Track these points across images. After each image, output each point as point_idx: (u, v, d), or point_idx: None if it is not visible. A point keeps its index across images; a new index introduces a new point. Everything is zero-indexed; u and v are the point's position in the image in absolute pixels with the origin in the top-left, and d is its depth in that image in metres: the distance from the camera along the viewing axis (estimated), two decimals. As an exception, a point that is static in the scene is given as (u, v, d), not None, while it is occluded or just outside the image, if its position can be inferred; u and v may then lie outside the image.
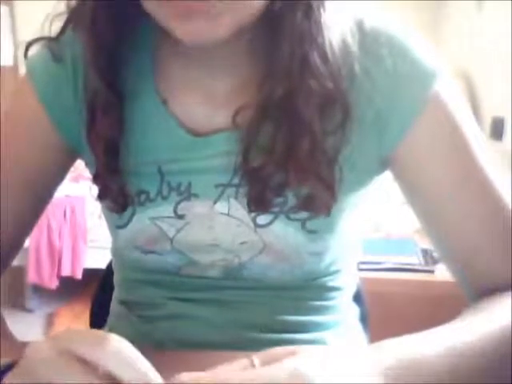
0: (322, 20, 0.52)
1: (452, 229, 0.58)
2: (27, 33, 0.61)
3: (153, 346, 0.65)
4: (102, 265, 0.90)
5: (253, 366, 0.39)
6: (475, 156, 0.57)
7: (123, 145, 0.60)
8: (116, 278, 0.74)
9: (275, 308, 0.65)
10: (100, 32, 0.55)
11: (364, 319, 0.78)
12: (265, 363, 0.39)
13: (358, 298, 0.76)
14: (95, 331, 0.38)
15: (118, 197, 0.61)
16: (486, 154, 0.58)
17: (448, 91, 0.58)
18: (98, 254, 2.22)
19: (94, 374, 0.35)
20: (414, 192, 0.60)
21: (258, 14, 0.50)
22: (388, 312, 1.57)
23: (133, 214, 0.62)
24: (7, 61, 2.75)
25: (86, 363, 0.36)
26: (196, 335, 0.64)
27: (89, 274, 2.23)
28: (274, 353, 0.40)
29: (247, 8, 0.49)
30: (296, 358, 0.38)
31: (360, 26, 0.57)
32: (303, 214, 0.59)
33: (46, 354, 0.36)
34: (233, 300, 0.65)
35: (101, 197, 0.62)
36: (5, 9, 2.80)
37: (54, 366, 0.36)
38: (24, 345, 0.53)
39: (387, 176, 0.63)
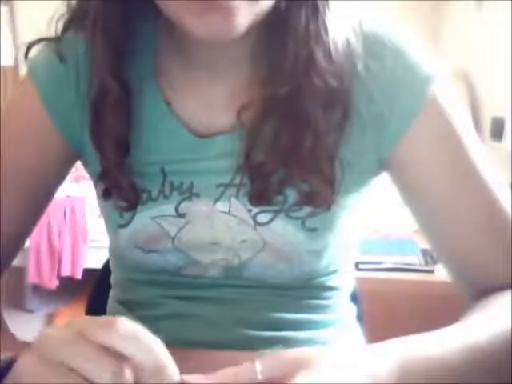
0: (327, 19, 0.53)
1: (450, 229, 0.59)
2: (27, 33, 0.61)
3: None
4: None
5: (254, 372, 0.39)
6: (472, 157, 0.58)
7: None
8: (114, 278, 0.74)
9: (274, 306, 0.65)
10: (108, 31, 0.55)
11: (359, 318, 0.79)
12: (267, 372, 0.39)
13: (353, 297, 0.77)
14: (109, 317, 0.38)
15: (128, 194, 0.60)
16: (483, 155, 0.59)
17: (445, 93, 0.58)
18: (97, 254, 2.21)
19: (113, 358, 0.35)
20: (411, 193, 0.61)
21: (267, 11, 0.50)
22: (388, 312, 1.57)
23: (134, 213, 0.62)
24: (7, 61, 2.74)
25: (102, 348, 0.36)
26: (195, 333, 0.64)
27: (89, 274, 2.23)
28: (277, 363, 0.40)
29: (264, 4, 0.49)
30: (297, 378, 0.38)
31: (361, 26, 0.57)
32: (303, 212, 0.59)
33: (64, 338, 0.36)
34: (232, 298, 0.65)
35: (108, 194, 0.62)
36: (5, 9, 2.80)
37: (73, 349, 0.35)
38: (24, 345, 0.53)
39: (386, 176, 0.63)
